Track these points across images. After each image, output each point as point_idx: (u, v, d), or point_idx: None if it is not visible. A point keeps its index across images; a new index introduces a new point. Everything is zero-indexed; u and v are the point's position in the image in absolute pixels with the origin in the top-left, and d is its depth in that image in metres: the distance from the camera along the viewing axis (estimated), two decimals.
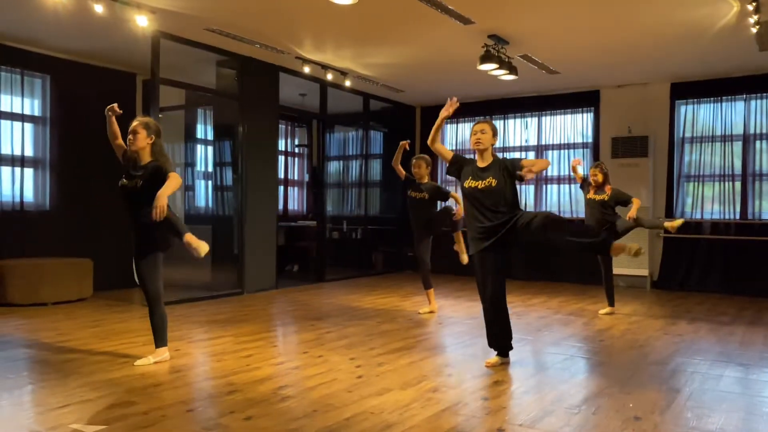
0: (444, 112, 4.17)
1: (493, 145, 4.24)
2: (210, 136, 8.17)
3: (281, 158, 10.49)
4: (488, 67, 6.51)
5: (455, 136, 10.28)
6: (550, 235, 3.84)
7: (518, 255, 9.41)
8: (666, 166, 8.53)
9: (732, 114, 8.15)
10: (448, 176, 4.48)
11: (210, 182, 8.53)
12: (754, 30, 5.83)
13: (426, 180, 6.24)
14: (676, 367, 4.16)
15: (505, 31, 6.34)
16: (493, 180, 4.05)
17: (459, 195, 6.87)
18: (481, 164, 4.21)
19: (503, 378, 3.88)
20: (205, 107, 8.68)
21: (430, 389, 3.58)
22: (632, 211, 6.02)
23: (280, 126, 9.75)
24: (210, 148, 8.44)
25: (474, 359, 4.35)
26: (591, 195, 6.24)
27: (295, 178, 11.15)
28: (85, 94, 7.38)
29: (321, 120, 9.04)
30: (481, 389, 3.62)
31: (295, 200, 11.20)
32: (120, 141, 4.24)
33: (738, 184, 8.08)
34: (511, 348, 4.24)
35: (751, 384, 3.79)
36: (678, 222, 6.01)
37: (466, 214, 4.25)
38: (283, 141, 10.68)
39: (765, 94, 7.93)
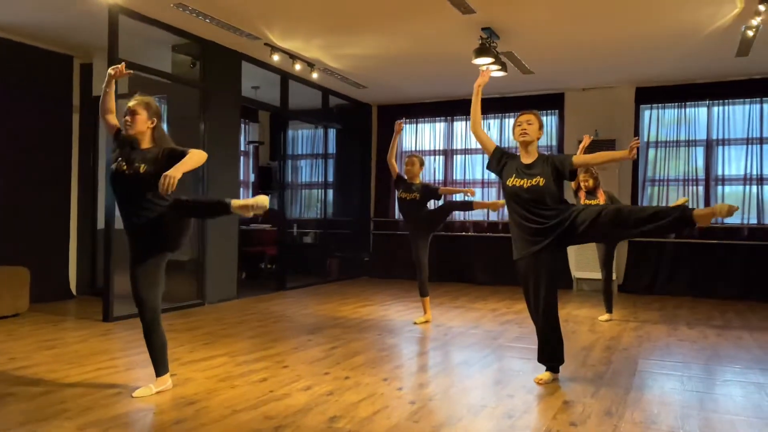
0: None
1: (539, 138, 3.86)
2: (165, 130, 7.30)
3: None
4: (483, 60, 6.15)
5: (414, 136, 9.90)
6: (624, 231, 3.51)
7: (481, 259, 9.17)
8: (631, 170, 8.56)
9: (695, 119, 8.28)
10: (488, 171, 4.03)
11: None
12: (750, 33, 5.84)
13: (418, 180, 5.82)
14: (726, 378, 3.94)
15: (500, 24, 6.03)
16: (541, 179, 3.67)
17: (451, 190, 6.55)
18: (526, 160, 3.81)
19: (566, 397, 3.48)
20: (157, 97, 7.77)
21: (503, 415, 3.13)
22: None
23: None
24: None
25: (518, 375, 3.94)
26: (583, 201, 6.04)
27: (242, 178, 10.34)
28: (11, 80, 6.39)
29: (282, 115, 8.36)
30: (559, 413, 3.20)
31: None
32: (113, 117, 3.50)
33: (701, 188, 8.22)
34: (562, 362, 3.86)
35: None
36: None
37: (510, 214, 3.85)
38: None
39: (727, 101, 8.10)
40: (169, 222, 3.32)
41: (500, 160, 3.93)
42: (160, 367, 3.45)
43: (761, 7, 5.16)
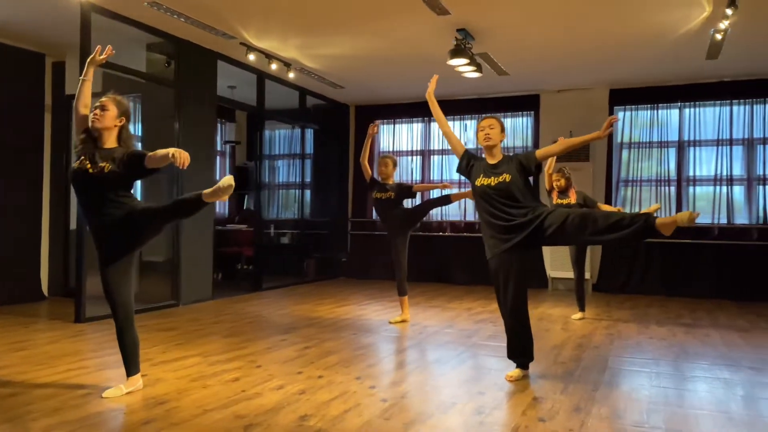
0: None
1: (501, 141, 3.93)
2: (138, 132, 7.23)
3: None
4: (458, 61, 6.21)
5: (392, 137, 9.93)
6: (589, 238, 3.55)
7: (458, 258, 9.23)
8: (605, 170, 8.67)
9: (667, 121, 8.42)
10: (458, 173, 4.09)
11: (138, 182, 7.54)
12: (718, 36, 5.95)
13: (392, 181, 5.86)
14: (694, 373, 4.02)
15: (475, 25, 6.08)
16: (507, 176, 3.74)
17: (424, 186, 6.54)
18: (491, 161, 3.89)
19: (536, 394, 3.52)
20: (131, 96, 7.70)
21: (473, 411, 3.16)
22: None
23: None
24: (139, 144, 7.48)
25: (488, 372, 3.98)
26: (556, 200, 6.12)
27: (218, 178, 10.27)
28: None
29: (259, 115, 8.33)
30: (529, 409, 3.24)
31: (218, 203, 10.32)
32: (87, 111, 3.44)
33: (673, 189, 8.36)
34: (531, 359, 3.91)
35: None
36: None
37: (480, 214, 3.90)
38: None
39: (698, 103, 8.25)
40: (136, 221, 3.29)
41: (468, 162, 4.01)
42: (131, 367, 3.43)
43: (728, 11, 5.26)
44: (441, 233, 9.50)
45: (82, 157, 3.30)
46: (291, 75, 7.70)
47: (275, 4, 5.67)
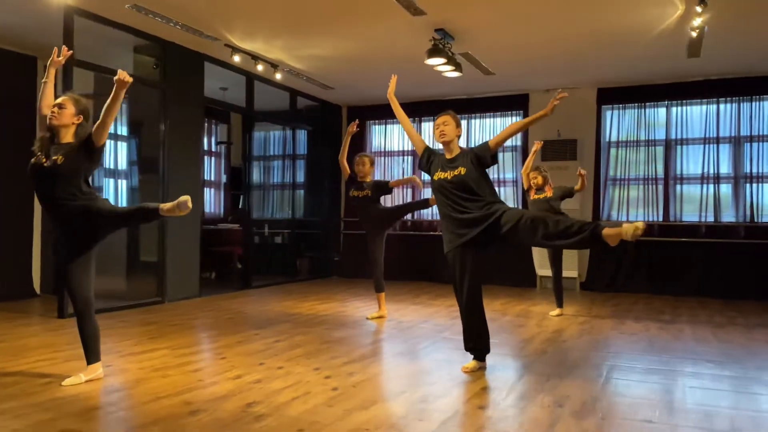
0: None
1: (458, 135, 4.01)
2: (124, 132, 7.38)
3: None
4: (436, 61, 6.28)
5: (384, 137, 10.02)
6: (540, 240, 3.61)
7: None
8: (593, 169, 8.69)
9: (655, 120, 8.43)
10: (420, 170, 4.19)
11: (124, 182, 7.71)
12: (693, 34, 5.98)
13: (369, 179, 5.94)
14: (654, 367, 4.06)
15: (453, 25, 6.14)
16: (463, 169, 3.82)
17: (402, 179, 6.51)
18: (448, 156, 3.99)
19: (488, 384, 3.60)
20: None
21: (418, 400, 3.23)
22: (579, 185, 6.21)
23: None
24: (124, 144, 7.64)
25: (448, 365, 4.04)
26: (534, 197, 6.19)
27: (212, 178, 10.44)
28: None
29: (247, 116, 8.46)
30: (472, 397, 3.31)
31: (212, 202, 10.48)
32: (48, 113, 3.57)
33: (660, 188, 8.36)
34: (488, 351, 3.98)
35: (733, 381, 3.73)
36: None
37: (439, 208, 3.98)
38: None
39: (685, 101, 8.25)
40: (92, 217, 3.40)
41: (429, 158, 4.10)
42: (91, 355, 3.54)
43: (698, 8, 5.30)
44: (432, 232, 9.55)
45: (39, 153, 3.42)
46: (278, 76, 7.81)
47: (258, 6, 5.77)
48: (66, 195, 3.37)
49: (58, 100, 3.51)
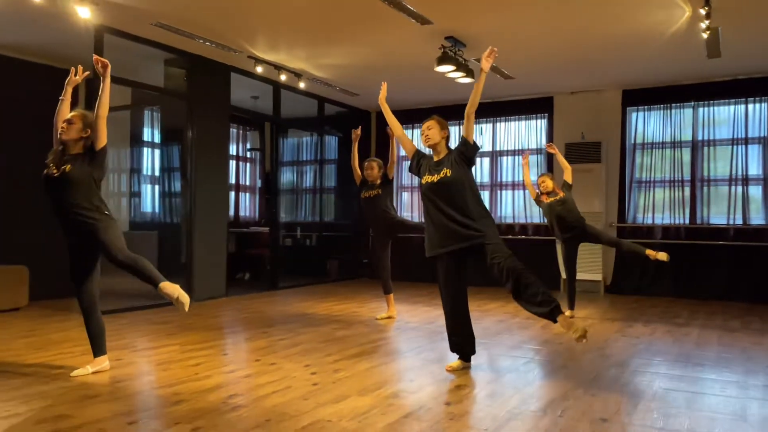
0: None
1: (445, 138, 4.10)
2: (157, 139, 7.83)
3: (232, 163, 10.20)
4: (445, 68, 6.43)
5: (414, 141, 10.17)
6: (507, 289, 3.76)
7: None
8: (618, 171, 8.62)
9: (681, 121, 8.31)
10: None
11: (157, 187, 8.17)
12: (704, 35, 5.92)
13: (378, 182, 6.13)
14: (637, 368, 4.10)
15: (463, 32, 6.28)
16: (448, 171, 3.92)
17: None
18: (436, 158, 4.10)
19: (465, 382, 3.74)
20: (151, 108, 8.35)
21: (390, 395, 3.41)
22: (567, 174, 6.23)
23: (231, 130, 9.50)
24: (157, 152, 8.10)
25: (435, 364, 4.20)
26: (547, 201, 6.21)
27: (247, 183, 10.85)
28: (18, 92, 6.98)
29: (274, 123, 8.79)
30: (443, 394, 3.47)
31: (247, 206, 10.90)
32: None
33: (687, 190, 8.23)
34: (473, 353, 4.11)
35: (712, 384, 3.75)
36: (663, 255, 5.98)
37: (425, 214, 4.11)
38: (234, 145, 10.39)
39: (712, 102, 8.11)
40: (97, 246, 3.73)
41: (418, 162, 4.21)
42: (97, 349, 3.87)
43: (701, 11, 5.27)
44: None
45: (51, 165, 3.77)
46: (302, 84, 8.10)
47: (277, 20, 6.05)
48: (76, 203, 3.67)
49: (68, 116, 3.85)
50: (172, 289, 3.62)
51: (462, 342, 4.06)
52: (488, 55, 3.88)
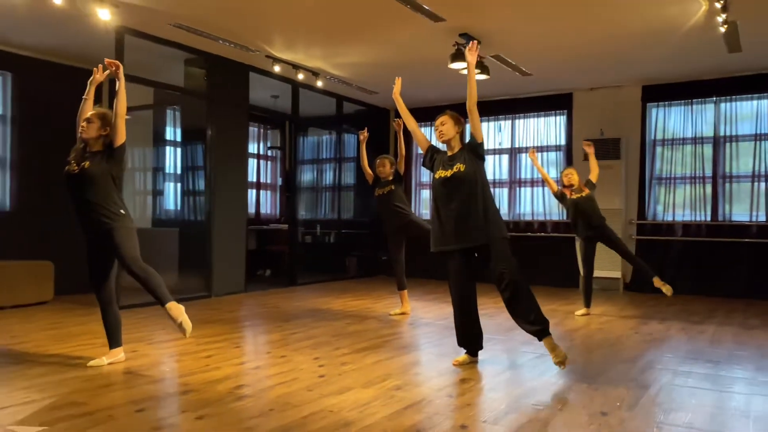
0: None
1: (459, 132, 4.12)
2: (179, 138, 7.99)
3: (253, 161, 10.33)
4: (459, 65, 6.45)
5: (433, 139, 10.19)
6: (507, 296, 3.84)
7: None
8: (638, 168, 8.54)
9: (702, 117, 8.19)
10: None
11: (179, 185, 8.34)
12: (722, 29, 5.85)
13: (391, 179, 6.17)
14: (646, 364, 4.09)
15: (476, 29, 6.29)
16: (461, 165, 3.95)
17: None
18: (450, 153, 4.12)
19: (471, 376, 3.77)
20: (173, 107, 8.51)
21: (394, 387, 3.46)
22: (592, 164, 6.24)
23: (252, 128, 9.64)
24: (179, 150, 8.26)
25: (442, 358, 4.24)
26: (574, 197, 6.18)
27: (268, 181, 10.99)
28: (48, 93, 7.20)
29: (293, 122, 8.90)
30: (447, 387, 3.51)
31: (268, 204, 11.03)
32: None
33: (708, 187, 8.12)
34: (481, 348, 4.14)
35: (719, 380, 3.72)
36: (668, 289, 6.02)
37: (431, 210, 4.15)
38: (255, 144, 10.53)
39: (734, 97, 7.98)
40: (111, 249, 3.85)
41: (432, 157, 4.23)
42: (113, 341, 4.00)
43: (717, 5, 5.21)
44: None
45: (72, 162, 3.90)
46: (319, 83, 8.19)
47: (293, 20, 6.13)
48: (94, 200, 3.79)
49: (87, 115, 3.97)
50: (177, 312, 3.78)
51: (469, 337, 4.09)
52: (470, 48, 3.94)
